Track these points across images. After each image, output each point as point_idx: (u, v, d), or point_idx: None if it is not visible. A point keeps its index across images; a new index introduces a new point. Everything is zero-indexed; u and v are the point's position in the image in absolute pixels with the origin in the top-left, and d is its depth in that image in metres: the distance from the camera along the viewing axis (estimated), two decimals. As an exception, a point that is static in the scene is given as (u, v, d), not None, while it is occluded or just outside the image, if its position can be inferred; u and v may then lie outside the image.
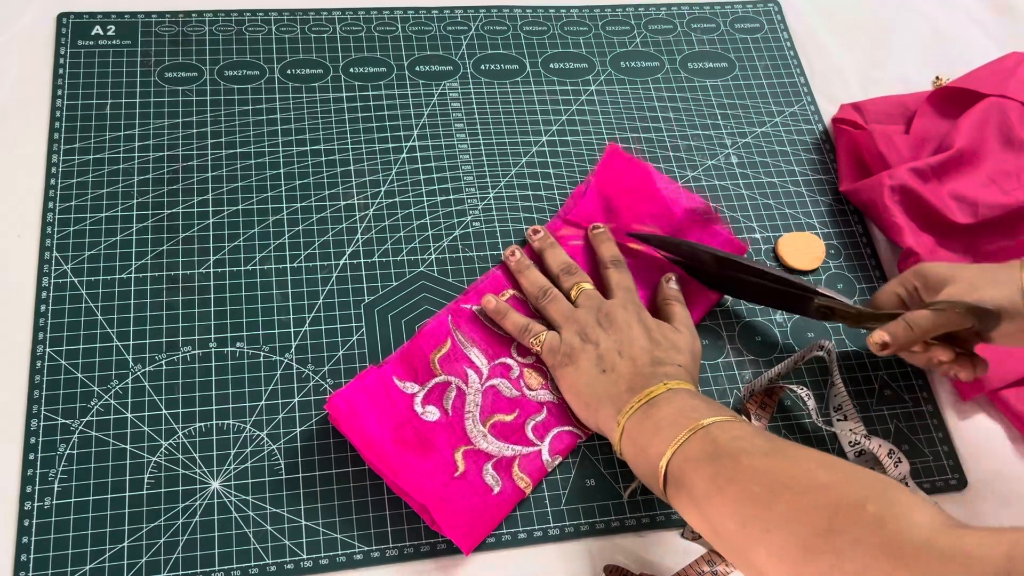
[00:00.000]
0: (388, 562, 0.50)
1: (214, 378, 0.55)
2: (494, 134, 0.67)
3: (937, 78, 0.75)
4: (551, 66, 0.72)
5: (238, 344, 0.56)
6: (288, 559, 0.50)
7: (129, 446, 0.52)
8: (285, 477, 0.52)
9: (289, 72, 0.68)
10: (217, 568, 0.49)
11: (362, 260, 0.60)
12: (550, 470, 0.54)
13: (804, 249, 0.64)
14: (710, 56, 0.74)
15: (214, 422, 0.53)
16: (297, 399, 0.55)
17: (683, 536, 0.50)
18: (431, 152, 0.65)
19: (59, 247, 0.58)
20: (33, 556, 0.48)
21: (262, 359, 0.56)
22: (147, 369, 0.54)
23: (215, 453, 0.52)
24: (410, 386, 0.55)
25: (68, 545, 0.49)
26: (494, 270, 0.60)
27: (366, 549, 0.51)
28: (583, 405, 0.53)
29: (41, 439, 0.52)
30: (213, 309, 0.57)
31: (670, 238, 0.61)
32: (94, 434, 0.52)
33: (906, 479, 0.52)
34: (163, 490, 0.51)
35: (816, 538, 0.38)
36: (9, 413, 0.52)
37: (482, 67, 0.70)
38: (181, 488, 0.51)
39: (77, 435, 0.52)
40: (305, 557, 0.50)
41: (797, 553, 0.38)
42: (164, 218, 0.60)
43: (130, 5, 0.68)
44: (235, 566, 0.49)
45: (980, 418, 0.60)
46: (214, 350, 0.56)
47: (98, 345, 0.55)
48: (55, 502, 0.50)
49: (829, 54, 0.76)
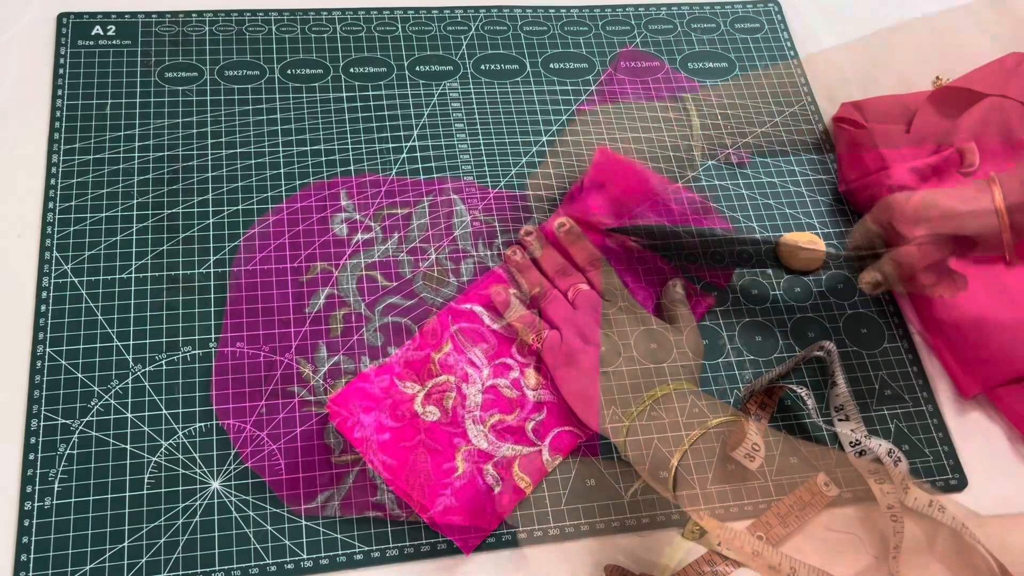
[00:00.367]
0: (388, 562, 0.50)
1: (214, 378, 0.55)
2: (494, 134, 0.67)
3: (937, 78, 0.75)
4: (551, 66, 0.72)
5: (238, 344, 0.56)
6: (288, 559, 0.50)
7: (129, 446, 0.52)
8: (285, 477, 0.52)
9: (289, 72, 0.68)
10: (217, 568, 0.49)
11: (362, 260, 0.60)
12: (550, 470, 0.54)
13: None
14: (710, 56, 0.74)
15: (214, 422, 0.53)
16: (297, 399, 0.55)
17: (683, 536, 0.50)
18: (431, 152, 0.65)
19: (59, 247, 0.58)
20: (33, 556, 0.48)
21: (262, 359, 0.56)
22: (147, 369, 0.54)
23: (215, 453, 0.52)
24: (410, 386, 0.55)
25: (68, 545, 0.49)
26: (494, 270, 0.60)
27: (366, 549, 0.51)
28: (584, 406, 0.53)
29: (41, 439, 0.52)
30: (213, 309, 0.57)
31: (646, 225, 0.61)
32: (94, 434, 0.52)
33: (906, 479, 0.52)
34: (163, 490, 0.51)
35: None
36: (9, 413, 0.52)
37: (482, 67, 0.70)
38: (181, 488, 0.51)
39: (77, 435, 0.52)
40: (305, 557, 0.50)
41: None
42: (164, 218, 0.60)
43: (130, 5, 0.68)
44: (235, 566, 0.49)
45: (980, 418, 0.60)
46: (214, 350, 0.56)
47: (98, 345, 0.55)
48: (55, 502, 0.50)
49: (829, 54, 0.76)
